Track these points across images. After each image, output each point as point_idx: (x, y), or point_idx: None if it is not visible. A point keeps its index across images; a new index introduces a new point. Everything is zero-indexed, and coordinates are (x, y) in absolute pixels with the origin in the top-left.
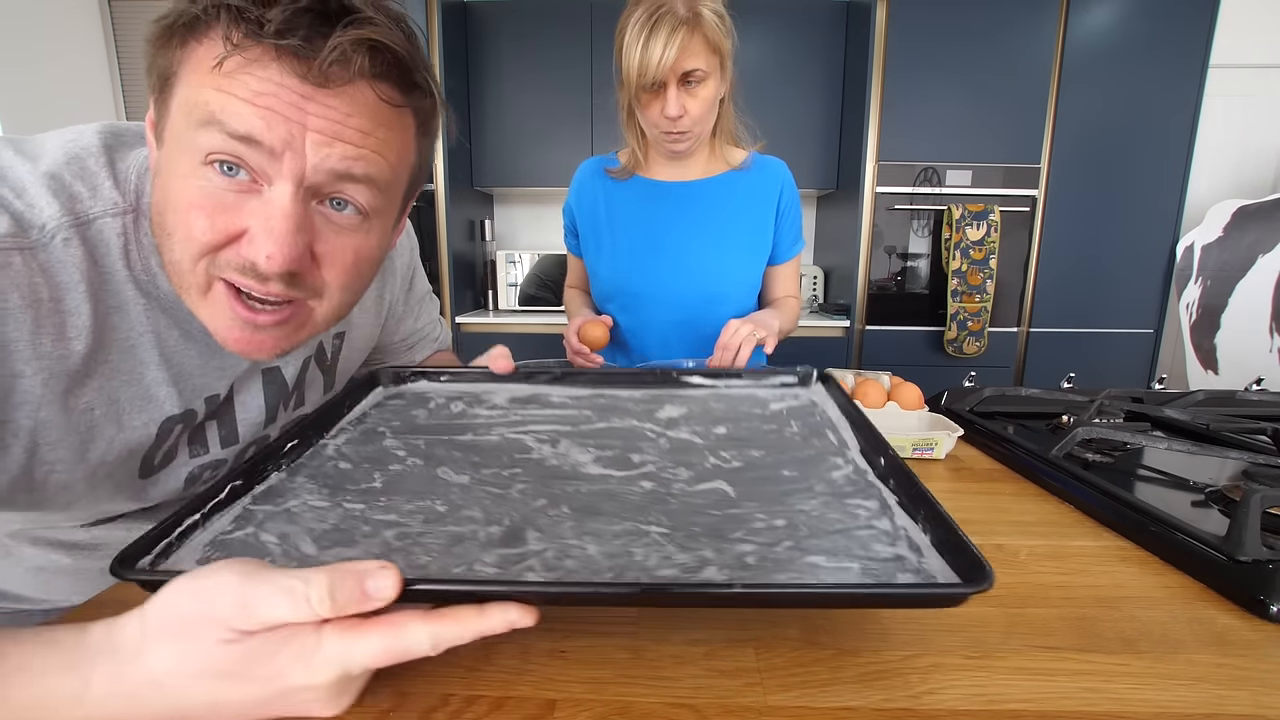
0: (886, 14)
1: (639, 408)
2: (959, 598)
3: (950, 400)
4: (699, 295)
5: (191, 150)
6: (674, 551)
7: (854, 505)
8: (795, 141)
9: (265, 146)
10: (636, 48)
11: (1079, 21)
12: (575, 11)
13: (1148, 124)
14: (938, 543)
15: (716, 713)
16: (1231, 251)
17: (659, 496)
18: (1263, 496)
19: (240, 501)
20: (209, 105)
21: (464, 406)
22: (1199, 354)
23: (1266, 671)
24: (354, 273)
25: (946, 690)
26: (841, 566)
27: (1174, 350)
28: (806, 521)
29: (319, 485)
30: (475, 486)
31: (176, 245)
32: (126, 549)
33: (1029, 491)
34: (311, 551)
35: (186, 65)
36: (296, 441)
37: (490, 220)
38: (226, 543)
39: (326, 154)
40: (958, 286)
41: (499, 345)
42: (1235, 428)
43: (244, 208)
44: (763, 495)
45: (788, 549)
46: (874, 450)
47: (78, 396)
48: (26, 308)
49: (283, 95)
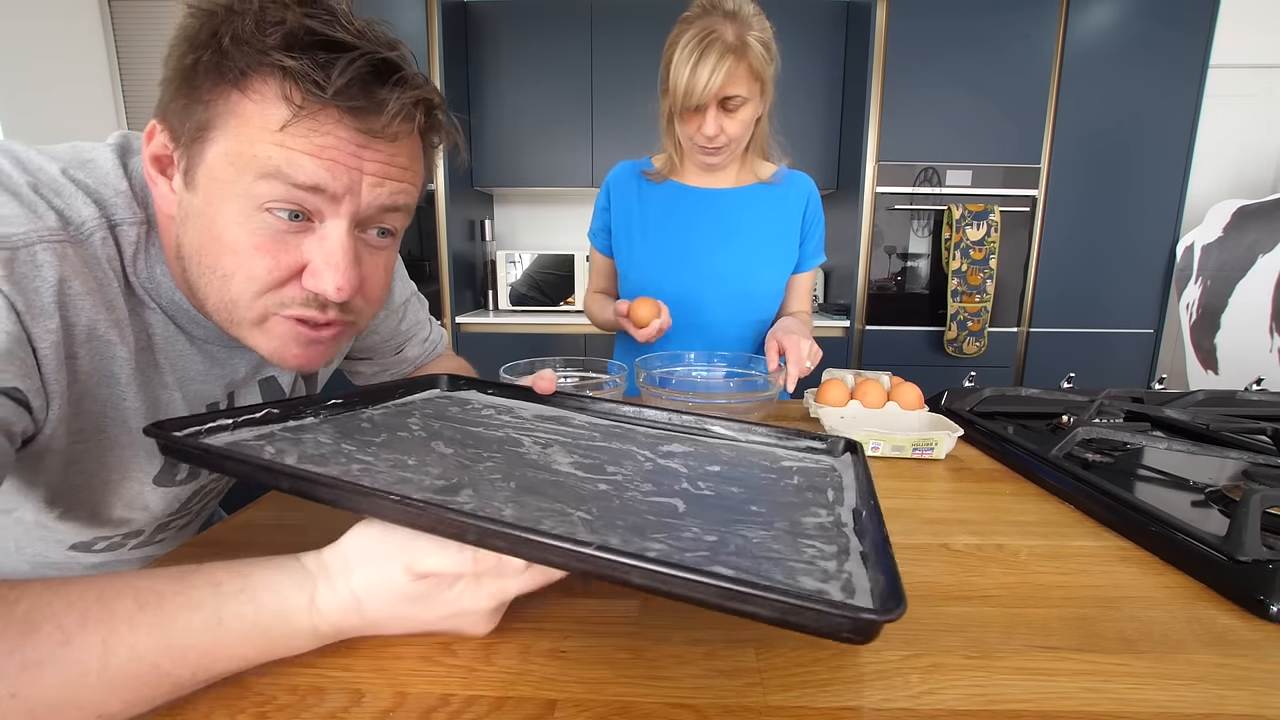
0: (886, 14)
1: (646, 439)
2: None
3: (950, 400)
4: (726, 299)
5: (245, 198)
6: (580, 531)
7: (806, 544)
8: (795, 141)
9: (328, 193)
10: (685, 69)
11: (1079, 22)
12: (575, 11)
13: (1148, 124)
14: (875, 588)
15: (716, 713)
16: (1231, 251)
17: (607, 495)
18: (1263, 496)
19: (270, 425)
20: (272, 160)
21: (494, 412)
22: (1199, 354)
23: (1266, 671)
24: (384, 285)
25: (946, 690)
26: (741, 578)
27: (1174, 350)
28: (741, 544)
29: (336, 431)
30: (452, 457)
31: (235, 285)
32: (163, 420)
33: (1029, 491)
34: (292, 461)
35: (231, 119)
36: (341, 402)
37: (490, 220)
38: (238, 445)
39: (379, 192)
40: (958, 286)
41: (548, 369)
42: (1235, 428)
43: (301, 245)
44: (714, 518)
45: (699, 557)
46: (862, 504)
47: (114, 382)
48: (87, 294)
49: (343, 147)
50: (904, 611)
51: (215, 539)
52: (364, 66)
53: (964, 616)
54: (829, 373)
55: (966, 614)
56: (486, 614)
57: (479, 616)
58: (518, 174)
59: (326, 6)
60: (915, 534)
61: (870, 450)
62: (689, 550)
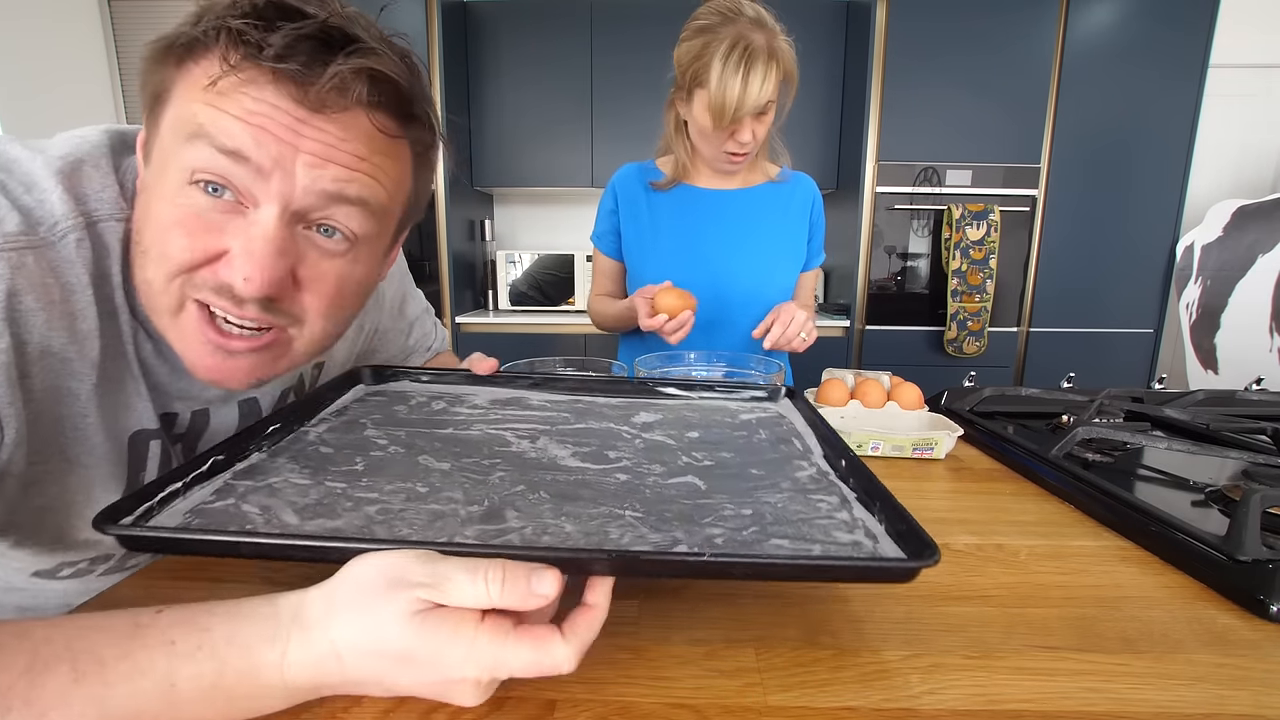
0: (886, 14)
1: (615, 413)
2: (910, 572)
3: (950, 400)
4: (742, 299)
5: (178, 168)
6: (647, 532)
7: (816, 500)
8: (795, 141)
9: (253, 164)
10: (735, 82)
11: (1079, 21)
12: (575, 11)
13: (1148, 124)
14: (892, 531)
15: (716, 713)
16: (1231, 251)
17: (633, 487)
18: (1263, 496)
19: (221, 476)
20: (198, 118)
21: (445, 405)
22: (1199, 354)
23: (1266, 671)
24: (336, 301)
25: (946, 690)
26: (803, 549)
27: (1174, 350)
28: (772, 511)
29: (300, 466)
30: (456, 472)
31: (151, 263)
32: (109, 507)
33: (1029, 491)
34: (294, 521)
35: (180, 84)
36: (278, 425)
37: (490, 220)
38: (207, 511)
39: (318, 175)
40: (958, 286)
41: (478, 352)
42: (1235, 428)
43: (226, 229)
44: (731, 489)
45: (754, 533)
46: (836, 455)
47: (74, 400)
48: (40, 309)
49: (276, 116)
50: (939, 557)
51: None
52: (311, 31)
53: (964, 616)
54: (829, 372)
55: (966, 614)
56: (475, 685)
57: (467, 686)
58: (518, 174)
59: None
60: None
61: (870, 450)
62: (744, 529)
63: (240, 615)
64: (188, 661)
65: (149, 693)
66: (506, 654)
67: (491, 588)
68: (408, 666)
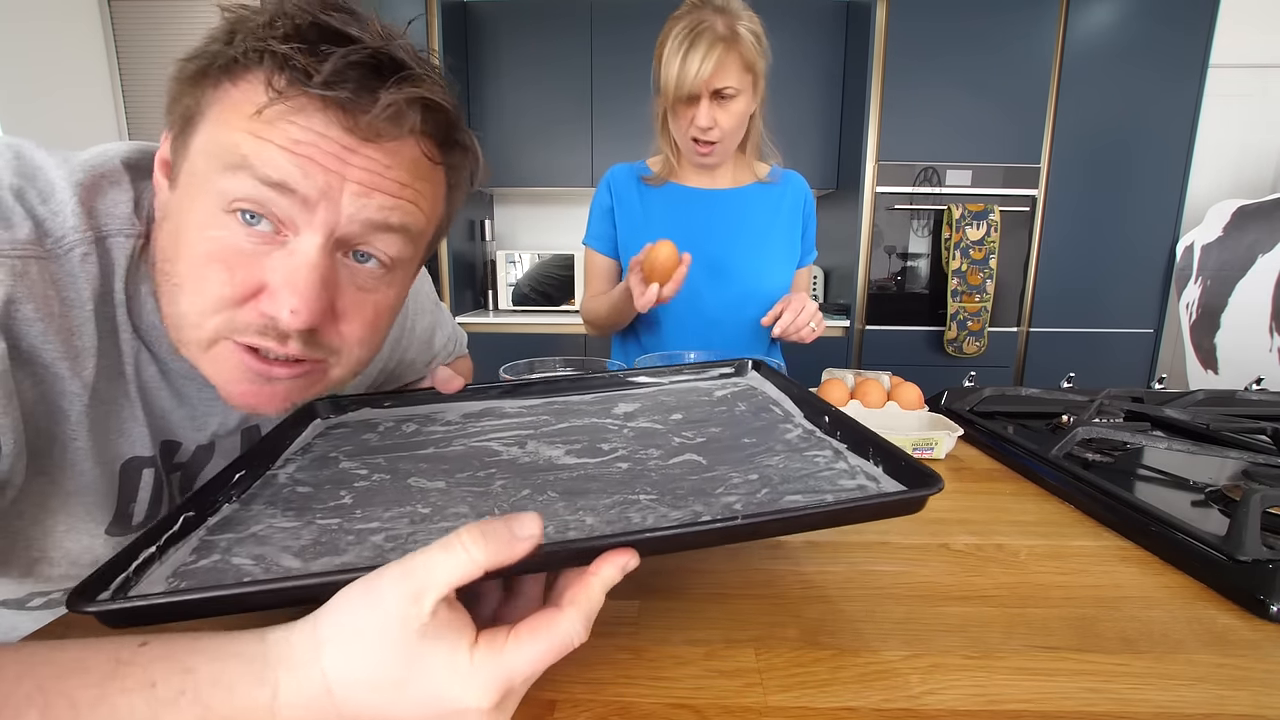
0: (886, 14)
1: (594, 408)
2: (919, 501)
3: (950, 400)
4: (735, 298)
5: (213, 195)
6: (667, 510)
7: (812, 456)
8: (795, 141)
9: (299, 195)
10: (676, 59)
11: (1079, 22)
12: (575, 11)
13: (1148, 124)
14: (890, 470)
15: (716, 713)
16: (1231, 251)
17: (638, 473)
18: (1263, 496)
19: (195, 533)
20: (240, 149)
21: (417, 426)
22: (1199, 354)
23: (1266, 671)
24: (373, 328)
25: (946, 690)
26: (818, 500)
27: (1174, 350)
28: (776, 473)
29: (281, 509)
30: (454, 488)
31: (184, 298)
32: (83, 582)
33: (1029, 491)
34: (296, 565)
35: (216, 107)
36: (243, 473)
37: (490, 220)
38: (192, 572)
39: (364, 204)
40: (958, 286)
41: (443, 368)
42: (1235, 428)
43: (264, 260)
44: (731, 460)
45: (767, 494)
46: (817, 413)
47: (63, 418)
48: (38, 319)
49: (324, 145)
50: (942, 484)
51: None
52: (361, 58)
53: (964, 616)
54: (829, 372)
55: (966, 614)
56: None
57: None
58: (518, 174)
59: (348, 8)
60: (915, 534)
61: None
62: (756, 492)
63: (227, 653)
64: (169, 709)
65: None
66: (512, 659)
67: (472, 550)
68: (401, 697)
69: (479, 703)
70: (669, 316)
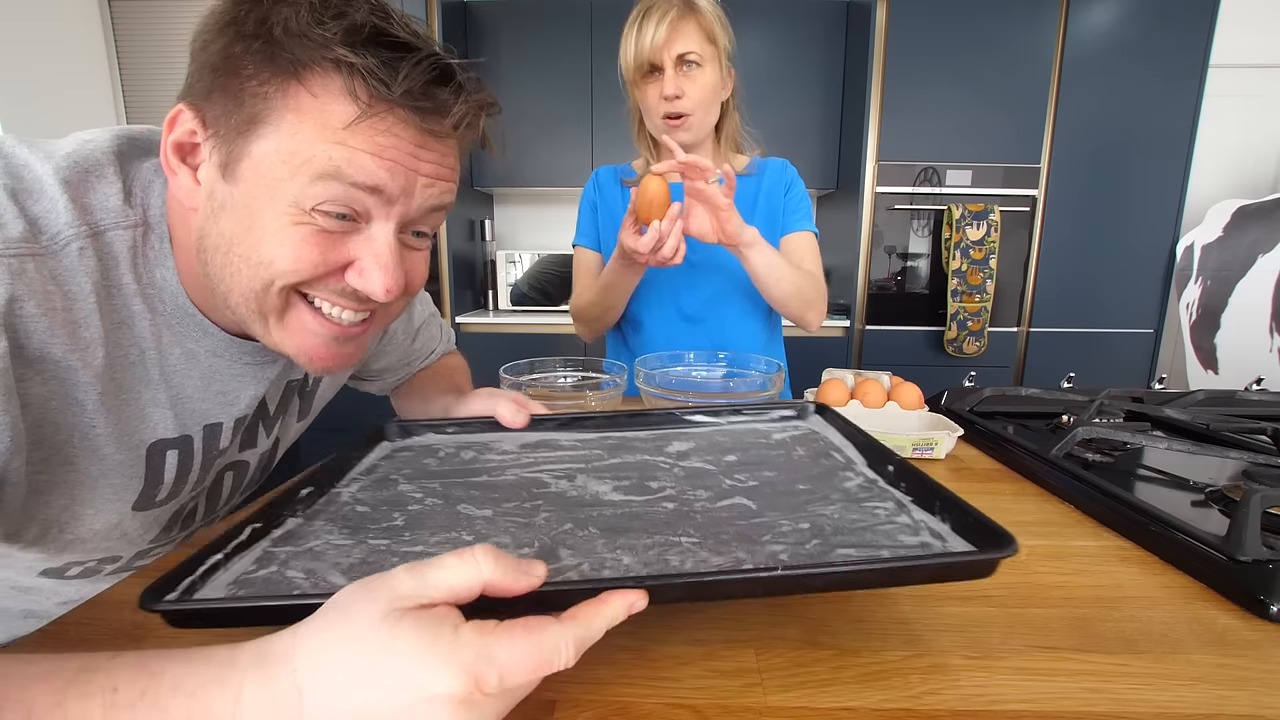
0: (886, 14)
1: (647, 445)
2: (990, 564)
3: (950, 400)
4: (715, 293)
5: (298, 198)
6: (708, 556)
7: (872, 507)
8: (795, 141)
9: (385, 195)
10: (632, 34)
11: (1079, 22)
12: (575, 11)
13: (1148, 124)
14: (958, 527)
15: (716, 713)
16: (1231, 251)
17: (683, 514)
18: (1263, 496)
19: (260, 544)
20: (332, 160)
21: (474, 454)
22: (1199, 354)
23: (1266, 671)
24: (420, 282)
25: (946, 690)
26: (872, 556)
27: (1174, 350)
28: (829, 523)
29: (338, 527)
30: (499, 518)
31: (260, 273)
32: (154, 583)
33: (1029, 491)
34: (341, 582)
35: (291, 115)
36: (311, 489)
37: (490, 220)
38: (250, 581)
39: (430, 194)
40: (958, 286)
41: (510, 395)
42: (1235, 428)
43: (348, 242)
44: (783, 506)
45: (817, 546)
46: (881, 461)
47: (80, 409)
48: (41, 315)
49: (404, 148)
50: (1017, 546)
51: None
52: (430, 68)
53: (964, 616)
54: (829, 373)
55: (966, 614)
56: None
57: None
58: (518, 174)
59: (383, 5)
60: None
61: None
62: (805, 543)
63: (197, 658)
64: (125, 713)
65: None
66: (493, 647)
67: (482, 564)
68: (374, 687)
69: (451, 687)
70: (651, 315)
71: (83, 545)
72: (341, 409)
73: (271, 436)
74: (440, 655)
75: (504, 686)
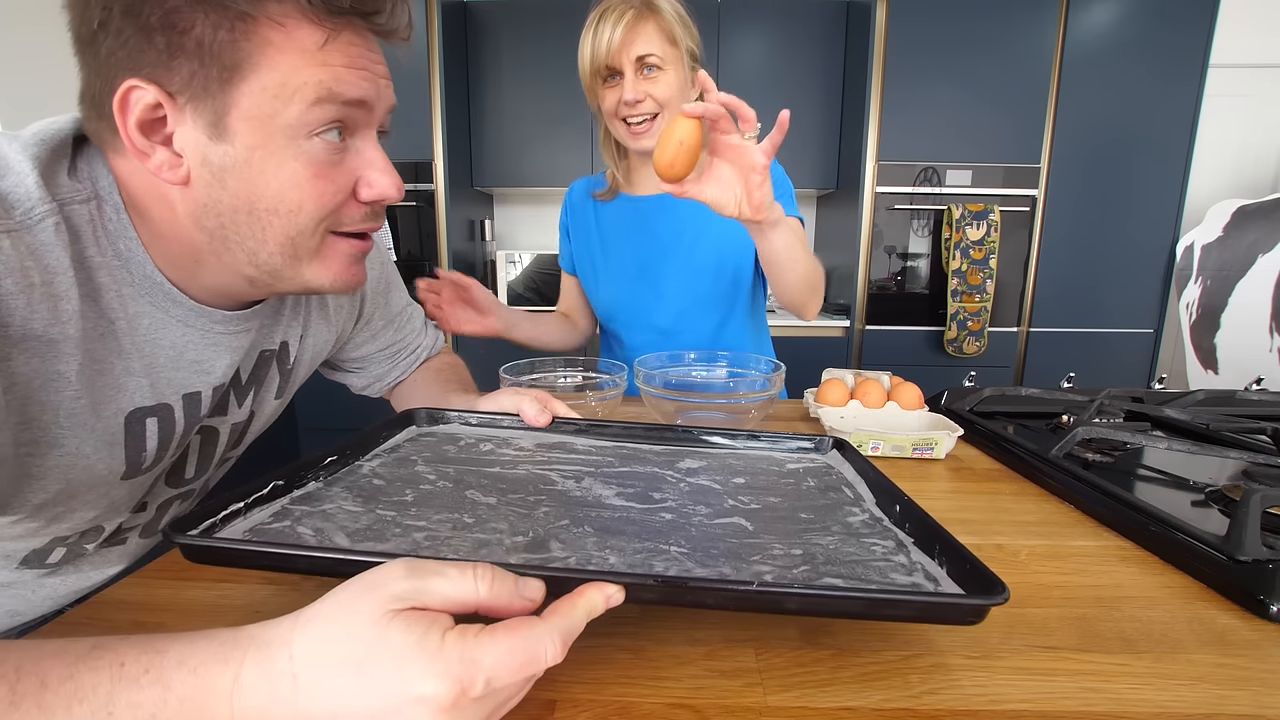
0: (886, 14)
1: (660, 459)
2: (977, 610)
3: (950, 400)
4: (695, 302)
5: (296, 127)
6: (693, 567)
7: (870, 543)
8: (795, 141)
9: (368, 105)
10: (587, 39)
11: (1079, 21)
12: (575, 12)
13: (1148, 124)
14: (954, 573)
15: (716, 713)
16: (1231, 251)
17: (678, 525)
18: (1263, 496)
19: (279, 500)
20: (323, 83)
21: (493, 446)
22: (1199, 354)
23: (1266, 671)
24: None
25: (946, 690)
26: (854, 585)
27: (1174, 350)
28: (823, 552)
29: (354, 495)
30: (502, 506)
31: (304, 216)
32: (179, 518)
33: (1029, 491)
34: (344, 543)
35: (269, 49)
36: (335, 458)
37: (490, 220)
38: (264, 530)
39: (388, 93)
40: (958, 286)
41: (535, 393)
42: (1235, 428)
43: (344, 164)
44: (779, 530)
45: (804, 572)
46: (890, 501)
47: (65, 383)
48: (19, 292)
49: (370, 56)
50: (1008, 594)
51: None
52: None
53: None
54: (829, 372)
55: None
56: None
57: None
58: (518, 174)
59: None
60: None
61: (870, 450)
62: (794, 567)
63: (201, 638)
64: (131, 687)
65: None
66: (478, 651)
67: (479, 583)
68: (364, 680)
69: (435, 690)
70: (629, 333)
71: (71, 516)
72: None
73: (245, 407)
74: (426, 658)
75: (491, 688)
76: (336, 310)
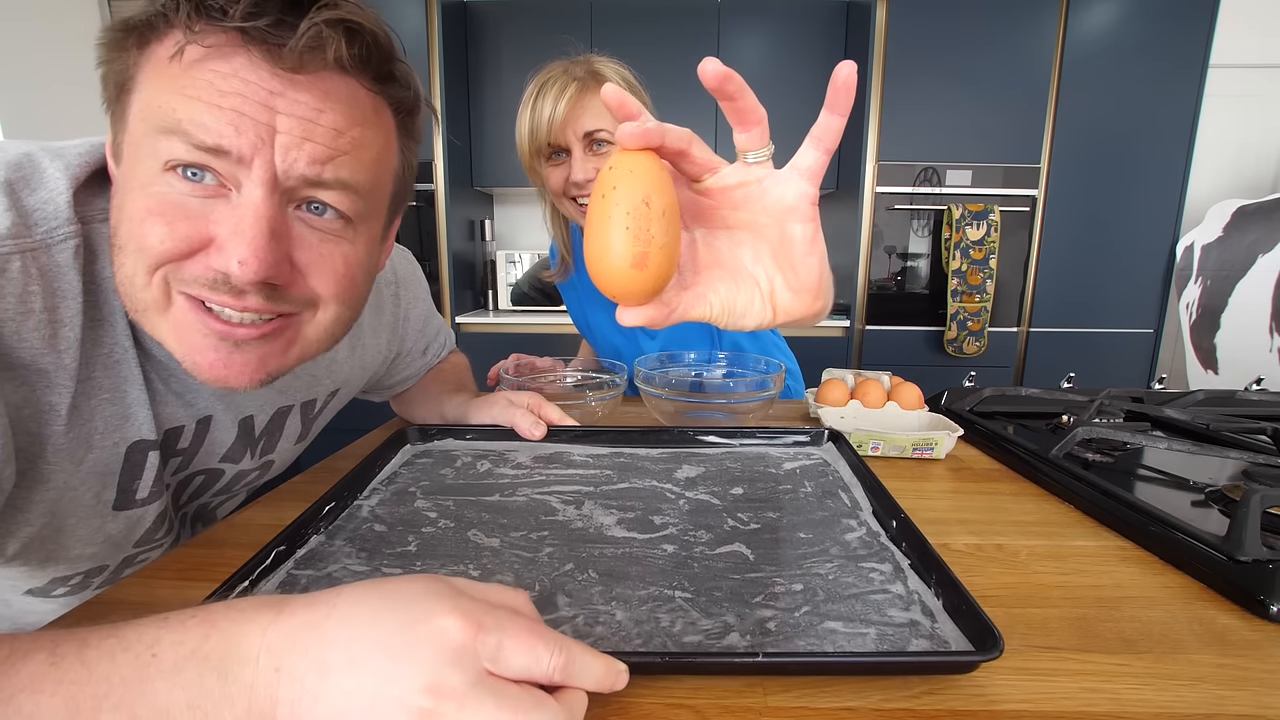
0: (886, 14)
1: (657, 467)
2: (970, 665)
3: (950, 400)
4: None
5: (150, 156)
6: (698, 617)
7: (868, 569)
8: (795, 141)
9: (234, 155)
10: (526, 113)
11: (1079, 22)
12: (575, 11)
13: (1148, 124)
14: (950, 608)
15: (716, 713)
16: (1231, 251)
17: (681, 560)
18: (1263, 496)
19: (284, 566)
20: (174, 112)
21: (489, 465)
22: (1199, 354)
23: (1266, 671)
24: (348, 283)
25: (946, 691)
26: (858, 632)
27: (1174, 350)
28: (823, 586)
29: (357, 549)
30: (505, 550)
31: (129, 258)
32: None
33: (1029, 491)
34: None
35: (145, 69)
36: (334, 504)
37: (490, 220)
38: None
39: (295, 157)
40: (958, 286)
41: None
42: (1235, 428)
43: (210, 215)
44: (780, 559)
45: (806, 614)
46: (887, 513)
47: (54, 416)
48: (10, 319)
49: (249, 92)
50: (1002, 648)
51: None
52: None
53: None
54: (829, 372)
55: None
56: (458, 628)
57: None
58: (518, 174)
59: None
60: None
61: (870, 450)
62: (796, 610)
63: (243, 599)
64: (177, 629)
65: (127, 666)
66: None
67: (554, 659)
68: (394, 606)
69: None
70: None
71: (67, 556)
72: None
73: (257, 459)
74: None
75: (499, 651)
76: (374, 354)
